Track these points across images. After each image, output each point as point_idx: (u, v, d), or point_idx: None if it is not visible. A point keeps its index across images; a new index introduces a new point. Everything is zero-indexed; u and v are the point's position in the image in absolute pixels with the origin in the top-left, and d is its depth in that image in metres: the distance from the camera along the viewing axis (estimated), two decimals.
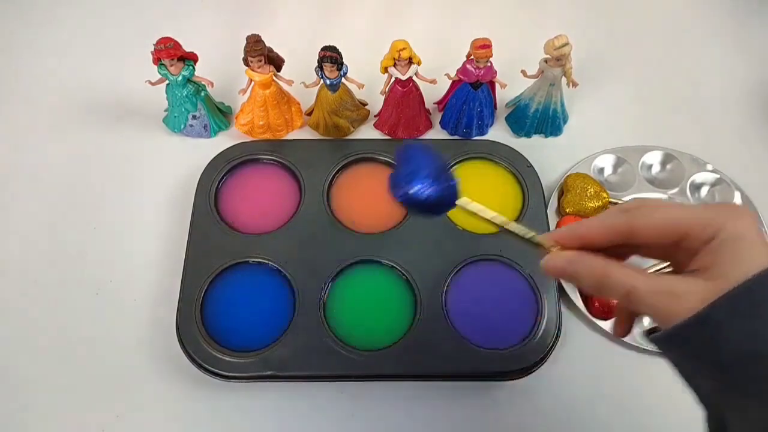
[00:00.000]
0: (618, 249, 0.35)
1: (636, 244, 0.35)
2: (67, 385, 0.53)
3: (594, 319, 0.55)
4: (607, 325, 0.54)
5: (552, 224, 0.58)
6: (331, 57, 0.56)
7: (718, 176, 0.62)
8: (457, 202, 0.38)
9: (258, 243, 0.56)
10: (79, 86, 0.69)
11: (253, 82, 0.60)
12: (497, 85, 0.62)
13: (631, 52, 0.73)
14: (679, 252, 0.33)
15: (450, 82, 0.62)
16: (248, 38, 0.57)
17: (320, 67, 0.58)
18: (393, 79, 0.60)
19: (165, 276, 0.57)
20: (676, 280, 0.33)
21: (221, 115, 0.66)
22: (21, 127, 0.67)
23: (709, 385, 0.33)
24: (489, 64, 0.59)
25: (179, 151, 0.65)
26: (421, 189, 0.38)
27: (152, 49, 0.57)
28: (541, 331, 0.52)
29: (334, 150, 0.62)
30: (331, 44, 0.57)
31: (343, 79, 0.60)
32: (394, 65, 0.58)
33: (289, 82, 0.61)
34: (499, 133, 0.66)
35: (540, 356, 0.51)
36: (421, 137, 0.65)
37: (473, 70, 0.59)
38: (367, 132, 0.66)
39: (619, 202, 0.60)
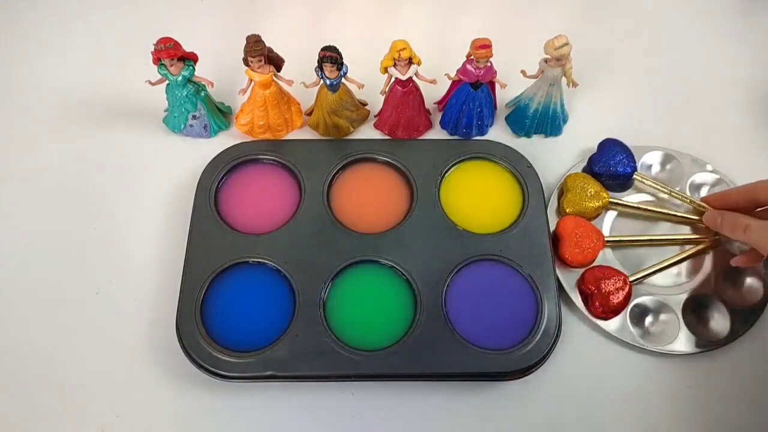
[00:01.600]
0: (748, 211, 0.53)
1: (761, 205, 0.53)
2: (67, 385, 0.53)
3: (594, 319, 0.55)
4: (607, 325, 0.55)
5: (552, 224, 0.58)
6: (331, 57, 0.56)
7: (717, 176, 0.62)
8: None
9: (258, 243, 0.56)
10: (79, 86, 0.69)
11: (253, 82, 0.60)
12: (497, 85, 0.62)
13: (631, 52, 0.73)
14: None
15: (450, 82, 0.62)
16: (248, 38, 0.57)
17: (320, 67, 0.58)
18: (393, 79, 0.60)
19: (165, 276, 0.57)
20: None
21: (221, 115, 0.66)
22: (21, 127, 0.67)
23: None
24: (489, 64, 0.59)
25: (179, 151, 0.65)
26: None
27: (152, 49, 0.57)
28: (541, 331, 0.52)
29: (334, 150, 0.62)
30: (331, 44, 0.57)
31: (343, 79, 0.60)
32: (394, 65, 0.58)
33: (289, 82, 0.61)
34: (499, 133, 0.66)
35: (540, 356, 0.51)
36: (421, 137, 0.65)
37: (473, 70, 0.59)
38: (367, 132, 0.66)
39: (620, 202, 0.60)
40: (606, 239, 0.57)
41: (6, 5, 0.76)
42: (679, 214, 0.59)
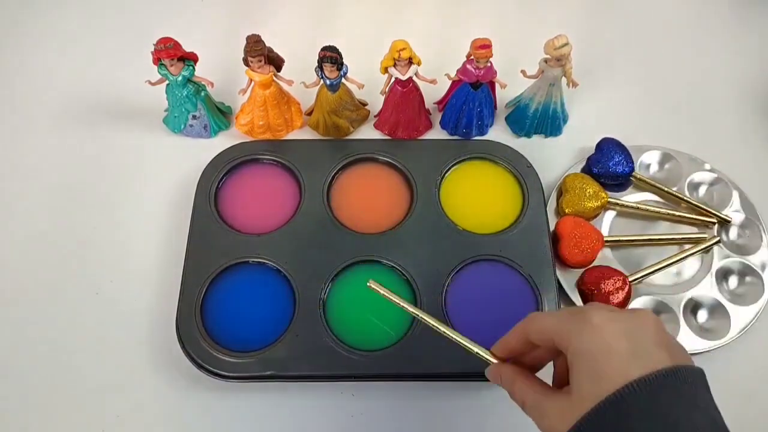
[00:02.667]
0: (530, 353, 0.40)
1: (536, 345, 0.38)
2: (68, 384, 0.53)
3: None
4: None
5: (551, 224, 0.58)
6: (331, 57, 0.56)
7: (716, 176, 0.62)
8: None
9: (258, 243, 0.56)
10: (79, 86, 0.69)
11: (253, 82, 0.60)
12: (497, 85, 0.62)
13: (631, 52, 0.73)
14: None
15: (450, 82, 0.62)
16: (248, 38, 0.57)
17: (320, 67, 0.58)
18: (393, 79, 0.60)
19: (165, 276, 0.57)
20: (548, 397, 0.36)
21: (221, 115, 0.66)
22: (21, 127, 0.67)
23: None
24: (489, 64, 0.59)
25: (179, 151, 0.65)
26: None
27: (152, 49, 0.57)
28: None
29: (334, 150, 0.62)
30: (331, 44, 0.57)
31: (343, 79, 0.60)
32: (394, 65, 0.58)
33: (289, 82, 0.61)
34: (499, 133, 0.66)
35: None
36: (421, 137, 0.65)
37: (473, 70, 0.59)
38: (367, 132, 0.66)
39: (619, 202, 0.60)
40: (605, 239, 0.58)
41: (6, 5, 0.76)
42: (677, 213, 0.60)
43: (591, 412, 0.31)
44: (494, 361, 0.42)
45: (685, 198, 0.60)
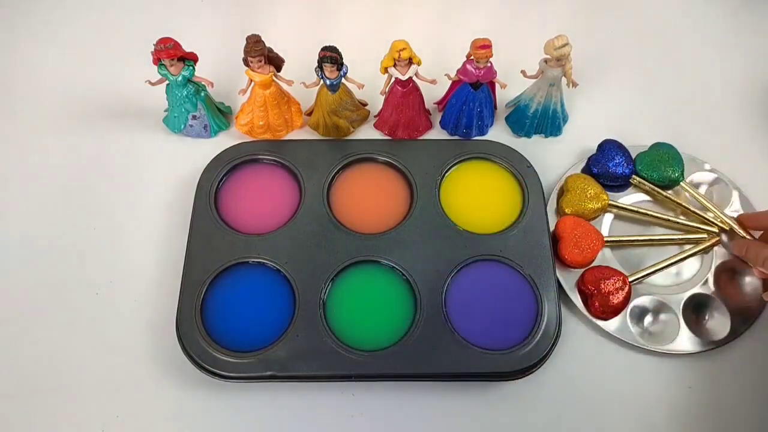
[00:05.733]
0: None
1: None
2: (68, 385, 0.53)
3: (594, 319, 0.55)
4: (607, 325, 0.55)
5: (552, 224, 0.58)
6: (331, 57, 0.56)
7: (716, 176, 0.62)
8: None
9: (258, 243, 0.56)
10: (79, 86, 0.69)
11: (253, 83, 0.60)
12: (497, 85, 0.62)
13: (631, 52, 0.73)
14: None
15: (450, 82, 0.62)
16: (248, 38, 0.57)
17: (320, 67, 0.58)
18: (393, 79, 0.60)
19: (165, 276, 0.57)
20: None
21: (221, 116, 0.66)
22: (21, 127, 0.67)
23: None
24: (489, 64, 0.59)
25: (179, 151, 0.65)
26: None
27: (152, 50, 0.57)
28: (541, 331, 0.52)
29: (334, 150, 0.62)
30: (331, 44, 0.57)
31: (343, 80, 0.60)
32: (394, 65, 0.58)
33: (289, 83, 0.61)
34: (499, 133, 0.66)
35: (540, 356, 0.51)
36: (421, 137, 0.65)
37: (473, 70, 0.59)
38: (367, 132, 0.66)
39: (619, 204, 0.60)
40: (605, 239, 0.58)
41: (6, 5, 0.76)
42: (675, 219, 0.59)
43: None
44: (740, 232, 0.56)
45: (683, 206, 0.60)
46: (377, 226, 0.58)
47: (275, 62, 0.59)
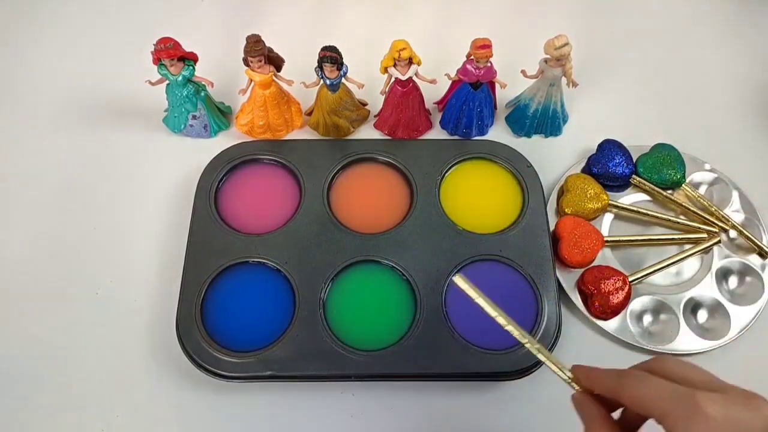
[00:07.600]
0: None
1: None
2: (67, 385, 0.53)
3: (594, 319, 0.55)
4: (607, 325, 0.55)
5: (552, 224, 0.58)
6: (331, 57, 0.56)
7: (716, 176, 0.62)
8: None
9: (258, 243, 0.56)
10: (79, 86, 0.69)
11: (253, 82, 0.60)
12: (497, 85, 0.62)
13: (631, 52, 0.73)
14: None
15: (450, 82, 0.62)
16: (248, 38, 0.57)
17: (320, 67, 0.58)
18: (393, 79, 0.60)
19: (165, 276, 0.57)
20: None
21: (221, 115, 0.66)
22: (21, 126, 0.67)
23: None
24: (489, 64, 0.59)
25: (179, 151, 0.65)
26: None
27: (152, 49, 0.57)
28: (541, 331, 0.52)
29: (334, 150, 0.62)
30: (331, 44, 0.57)
31: (343, 79, 0.60)
32: (394, 65, 0.58)
33: (289, 82, 0.61)
34: (499, 133, 0.66)
35: None
36: (421, 137, 0.65)
37: (473, 70, 0.59)
38: (367, 132, 0.66)
39: (619, 204, 0.60)
40: (605, 239, 0.58)
41: (6, 5, 0.76)
42: (675, 219, 0.59)
43: None
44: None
45: (683, 205, 0.60)
46: (377, 226, 0.58)
47: (275, 62, 0.59)
